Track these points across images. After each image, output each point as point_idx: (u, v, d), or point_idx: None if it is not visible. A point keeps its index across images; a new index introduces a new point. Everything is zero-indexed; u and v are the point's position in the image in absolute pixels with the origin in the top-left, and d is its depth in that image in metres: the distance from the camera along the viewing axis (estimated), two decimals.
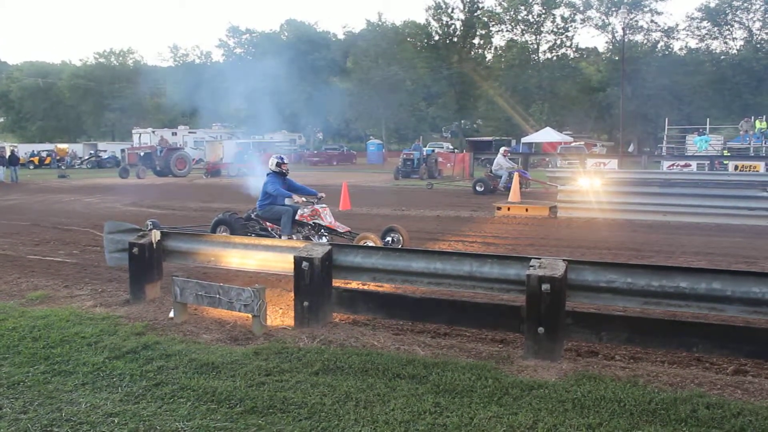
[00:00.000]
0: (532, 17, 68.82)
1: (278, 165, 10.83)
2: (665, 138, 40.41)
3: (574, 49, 70.58)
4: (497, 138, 55.22)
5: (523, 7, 68.46)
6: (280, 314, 7.05)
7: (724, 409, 4.43)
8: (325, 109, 59.66)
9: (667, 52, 66.10)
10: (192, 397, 4.72)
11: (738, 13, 65.88)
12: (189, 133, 51.59)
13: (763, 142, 36.14)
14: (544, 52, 70.35)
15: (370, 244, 9.51)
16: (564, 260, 5.65)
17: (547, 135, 50.40)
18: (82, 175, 41.57)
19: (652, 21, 65.43)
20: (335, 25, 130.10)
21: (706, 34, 67.30)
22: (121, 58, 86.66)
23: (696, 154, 34.51)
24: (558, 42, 69.61)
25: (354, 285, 7.38)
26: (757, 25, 65.75)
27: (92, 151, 59.61)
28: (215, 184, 31.33)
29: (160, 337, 6.17)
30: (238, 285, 6.71)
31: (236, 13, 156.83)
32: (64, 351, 5.74)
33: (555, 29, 69.08)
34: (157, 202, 21.30)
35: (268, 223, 10.77)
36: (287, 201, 10.74)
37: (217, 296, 6.51)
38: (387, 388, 4.86)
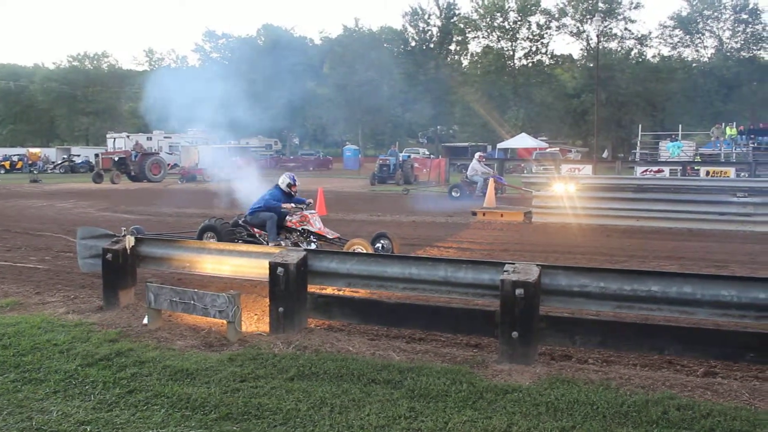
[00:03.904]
0: (508, 24, 69.29)
1: (289, 186, 10.94)
2: (639, 144, 40.94)
3: (549, 56, 71.18)
4: (473, 144, 55.56)
5: (499, 14, 68.92)
6: (255, 320, 7.02)
7: (694, 411, 4.51)
8: (302, 114, 59.59)
9: (640, 60, 66.90)
10: (166, 404, 4.70)
11: (708, 22, 66.98)
12: (164, 137, 51.17)
13: (733, 148, 36.82)
14: (520, 58, 70.87)
15: (360, 250, 9.48)
16: (537, 265, 5.70)
17: (522, 141, 50.81)
18: (55, 180, 41.07)
19: (625, 29, 66.18)
20: (312, 30, 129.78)
21: (678, 42, 68.33)
22: (95, 62, 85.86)
23: (669, 160, 35.04)
24: (533, 49, 70.17)
25: (329, 291, 7.38)
26: (727, 34, 66.94)
27: (65, 156, 58.74)
28: (191, 189, 31.13)
29: (134, 343, 6.12)
30: (213, 291, 6.68)
31: (213, 18, 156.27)
32: (35, 359, 5.67)
33: (530, 36, 69.64)
34: (131, 208, 21.11)
35: (255, 230, 10.70)
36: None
37: (192, 302, 6.47)
38: (362, 393, 4.87)
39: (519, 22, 69.10)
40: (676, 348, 5.52)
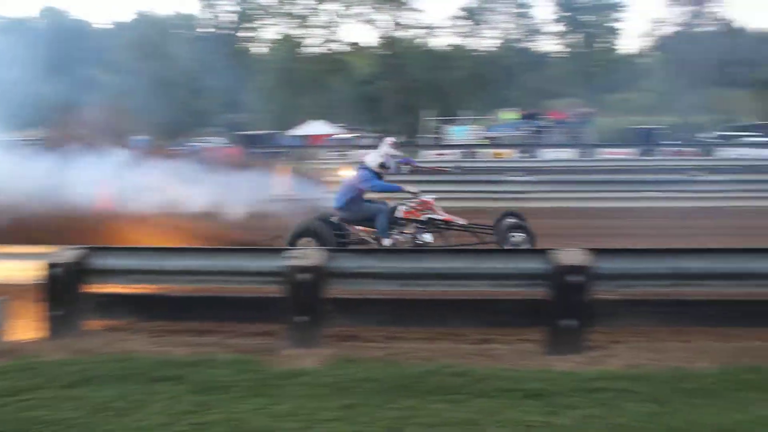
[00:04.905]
0: (302, 11, 69.35)
1: (381, 166, 9.34)
2: (427, 128, 42.95)
3: (343, 43, 72.22)
4: (269, 131, 55.32)
5: (292, 1, 68.79)
6: (30, 327, 6.45)
7: (469, 377, 4.83)
8: (86, 103, 55.84)
9: (430, 48, 69.87)
10: None
11: (491, 15, 71.62)
12: None
13: (514, 131, 39.94)
14: (315, 45, 71.23)
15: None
16: (322, 250, 5.81)
17: (316, 127, 51.36)
18: None
19: (415, 19, 68.71)
20: (103, 15, 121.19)
21: (466, 32, 72.30)
22: None
23: (455, 143, 37.20)
24: (328, 36, 70.83)
25: (111, 289, 6.97)
26: (508, 26, 72.02)
27: None
28: None
29: None
30: None
31: None
32: None
33: (325, 23, 70.21)
34: None
35: (361, 227, 9.11)
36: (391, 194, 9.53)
37: None
38: (145, 393, 4.67)
39: (313, 10, 69.42)
40: (456, 320, 5.92)
